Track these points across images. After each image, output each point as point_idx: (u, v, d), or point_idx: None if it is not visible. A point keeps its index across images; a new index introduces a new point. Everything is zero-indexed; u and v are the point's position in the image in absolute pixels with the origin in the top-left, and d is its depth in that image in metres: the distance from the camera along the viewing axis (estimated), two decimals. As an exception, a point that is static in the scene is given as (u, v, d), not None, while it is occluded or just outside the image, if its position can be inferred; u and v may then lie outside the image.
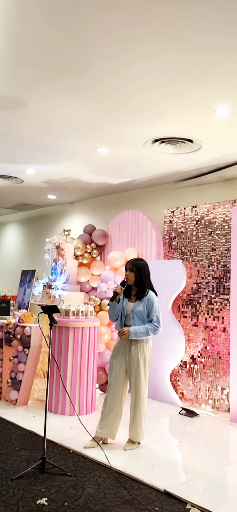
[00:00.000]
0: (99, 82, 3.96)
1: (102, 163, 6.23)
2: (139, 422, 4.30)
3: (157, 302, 4.36)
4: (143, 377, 4.29)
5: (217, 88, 3.93)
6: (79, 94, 4.21)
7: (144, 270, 4.36)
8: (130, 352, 4.31)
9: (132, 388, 4.32)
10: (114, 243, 7.30)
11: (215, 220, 6.02)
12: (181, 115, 4.56)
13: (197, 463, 4.06)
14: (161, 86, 3.98)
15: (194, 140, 5.20)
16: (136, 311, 4.29)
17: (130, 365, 4.31)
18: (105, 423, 4.36)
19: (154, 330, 4.26)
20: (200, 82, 3.85)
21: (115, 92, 4.15)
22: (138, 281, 4.33)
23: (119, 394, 4.35)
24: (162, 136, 5.16)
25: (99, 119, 4.77)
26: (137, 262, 4.38)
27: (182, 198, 6.87)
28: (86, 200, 8.79)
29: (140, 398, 4.29)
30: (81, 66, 3.68)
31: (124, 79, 3.89)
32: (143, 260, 4.46)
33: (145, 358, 4.32)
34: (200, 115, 4.48)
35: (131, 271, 4.34)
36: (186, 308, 6.30)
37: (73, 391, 5.38)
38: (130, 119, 4.71)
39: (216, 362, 5.86)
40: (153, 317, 4.28)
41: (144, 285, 4.33)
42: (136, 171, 6.55)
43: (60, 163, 6.32)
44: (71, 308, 5.54)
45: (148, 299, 4.31)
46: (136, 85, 4.00)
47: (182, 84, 3.92)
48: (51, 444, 4.40)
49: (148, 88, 4.03)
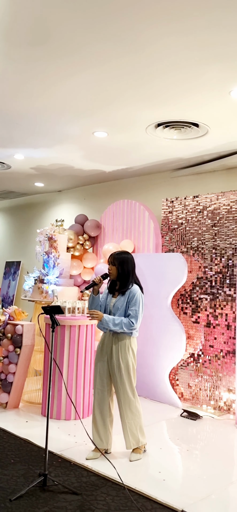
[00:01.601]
0: (100, 60, 3.56)
1: (99, 149, 5.81)
2: (129, 429, 3.97)
3: (140, 296, 3.98)
4: (126, 383, 3.95)
5: (234, 67, 3.58)
6: (77, 72, 3.79)
7: (127, 264, 3.99)
8: (111, 355, 3.98)
9: (117, 395, 4.01)
10: (108, 234, 6.90)
11: (219, 211, 5.70)
12: (190, 97, 4.19)
13: (211, 476, 3.75)
14: (171, 66, 3.62)
15: (201, 125, 4.85)
16: (116, 305, 3.95)
17: (112, 370, 3.99)
18: (100, 435, 4.05)
19: (128, 326, 3.87)
20: (216, 62, 3.51)
21: (118, 71, 3.75)
22: (120, 276, 3.97)
23: (106, 398, 4.04)
24: (167, 120, 4.78)
25: (98, 100, 4.36)
26: (119, 256, 4.02)
27: (180, 187, 6.53)
28: (76, 189, 8.35)
29: (126, 405, 3.95)
30: (79, 43, 3.28)
31: (127, 57, 3.50)
32: (127, 253, 4.10)
33: (127, 364, 3.95)
34: (212, 97, 4.12)
35: (112, 265, 3.98)
36: (186, 304, 5.99)
37: (70, 393, 4.99)
38: (133, 100, 4.31)
39: (218, 360, 5.58)
40: (130, 311, 3.90)
41: (126, 280, 3.97)
42: (134, 157, 6.15)
43: (52, 147, 5.86)
44: (67, 304, 5.14)
45: (130, 292, 3.95)
46: (142, 64, 3.62)
47: (195, 65, 3.57)
48: (49, 455, 4.01)
49: (154, 67, 3.65)
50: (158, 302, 5.97)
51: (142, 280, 6.29)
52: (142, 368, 6.09)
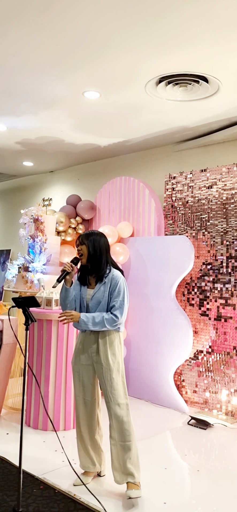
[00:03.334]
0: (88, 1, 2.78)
1: (91, 115, 5.01)
2: (119, 458, 3.11)
3: (123, 283, 3.18)
4: (120, 389, 3.15)
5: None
6: (60, 14, 2.99)
7: (99, 242, 3.19)
8: (98, 356, 3.18)
9: (108, 406, 3.16)
10: (103, 216, 6.13)
11: (230, 186, 4.91)
12: (198, 40, 3.40)
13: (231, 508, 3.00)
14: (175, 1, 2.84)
15: (211, 79, 4.06)
16: (95, 298, 3.16)
17: (99, 375, 3.20)
18: (86, 455, 3.30)
19: (112, 322, 3.10)
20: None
21: (110, 12, 2.95)
22: (91, 257, 3.16)
23: (92, 410, 3.28)
24: (170, 73, 3.99)
25: (88, 51, 3.57)
26: (89, 233, 3.24)
27: (185, 162, 5.74)
28: (69, 168, 7.56)
29: (121, 421, 3.11)
30: None
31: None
32: (98, 232, 3.30)
33: (118, 364, 3.19)
34: (226, 36, 3.33)
35: (82, 244, 3.19)
36: (193, 294, 5.22)
37: (57, 400, 4.26)
38: (130, 48, 3.53)
39: (231, 359, 4.82)
40: (114, 302, 3.12)
41: (99, 262, 3.17)
42: (131, 126, 5.36)
43: (37, 114, 5.07)
44: (54, 296, 4.39)
45: (111, 279, 3.16)
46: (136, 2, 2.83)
47: None
48: (29, 480, 3.28)
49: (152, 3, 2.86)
50: (160, 292, 5.21)
51: (142, 267, 5.58)
52: (142, 367, 5.35)
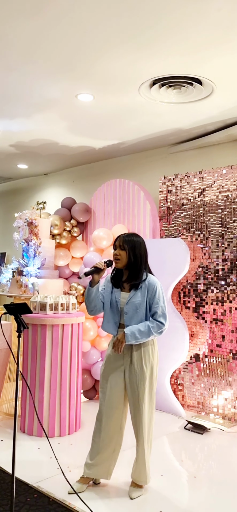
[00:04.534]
0: (81, 3, 2.75)
1: (84, 117, 4.97)
2: (146, 460, 3.14)
3: (161, 288, 3.12)
4: (148, 397, 3.11)
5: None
6: (55, 20, 2.96)
7: (139, 249, 3.11)
8: (131, 363, 3.10)
9: (136, 413, 3.11)
10: (99, 219, 6.09)
11: (226, 188, 4.88)
12: (191, 42, 3.37)
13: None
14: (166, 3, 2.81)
15: (205, 81, 4.03)
16: (132, 303, 3.07)
17: (131, 381, 3.10)
18: (99, 461, 3.21)
19: (158, 329, 3.04)
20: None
21: (104, 16, 2.92)
22: (131, 264, 3.08)
23: (117, 421, 3.18)
24: (164, 75, 3.96)
25: (82, 55, 3.54)
26: (130, 238, 3.12)
27: (181, 164, 5.71)
28: (64, 171, 7.52)
29: (147, 427, 3.11)
30: None
31: None
32: (138, 236, 3.20)
33: (152, 370, 3.12)
34: (219, 38, 3.30)
35: (121, 249, 3.08)
36: (189, 297, 5.18)
37: (52, 406, 4.21)
38: (123, 51, 3.49)
39: (227, 362, 4.79)
40: (156, 309, 3.05)
41: (139, 269, 3.09)
42: (126, 128, 5.32)
43: (30, 117, 5.03)
44: (49, 300, 4.34)
45: (148, 285, 3.07)
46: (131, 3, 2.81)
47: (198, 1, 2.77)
48: (23, 488, 3.23)
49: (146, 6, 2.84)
50: (156, 295, 5.16)
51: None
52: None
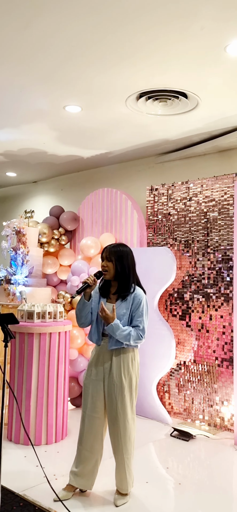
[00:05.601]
0: (69, 16, 2.81)
1: (72, 128, 5.04)
2: (127, 468, 3.17)
3: (146, 303, 3.17)
4: (129, 407, 3.14)
5: (232, 12, 2.86)
6: (41, 31, 3.02)
7: (127, 259, 3.15)
8: (111, 372, 3.13)
9: (114, 423, 3.15)
10: (87, 227, 6.14)
11: (212, 198, 4.98)
12: (176, 58, 3.46)
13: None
14: (152, 19, 2.89)
15: (190, 95, 4.12)
16: (117, 314, 3.11)
17: (110, 390, 3.14)
18: (83, 472, 3.25)
19: (136, 339, 3.08)
20: (209, 9, 2.79)
21: (91, 30, 3.00)
22: (119, 275, 3.12)
23: (98, 428, 3.23)
24: (150, 88, 4.04)
25: (69, 66, 3.60)
26: (117, 249, 3.16)
27: (167, 174, 5.80)
28: (53, 179, 7.57)
29: (126, 436, 3.14)
30: None
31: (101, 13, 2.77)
32: (125, 246, 3.25)
33: (131, 381, 3.15)
34: (204, 54, 3.39)
35: (108, 261, 3.13)
36: (175, 305, 5.26)
37: (39, 414, 4.23)
38: (110, 64, 3.57)
39: (213, 370, 4.86)
40: (138, 322, 3.09)
41: (127, 280, 3.13)
42: (113, 139, 5.40)
43: (19, 127, 5.08)
44: (36, 309, 4.37)
45: (133, 298, 3.12)
46: (118, 18, 2.88)
47: (183, 14, 2.87)
48: (9, 497, 3.25)
49: (133, 21, 2.91)
50: (143, 303, 5.22)
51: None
52: (125, 378, 5.35)
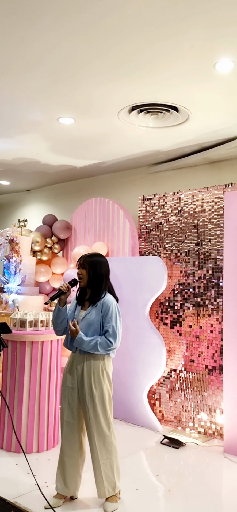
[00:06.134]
0: (64, 33, 2.91)
1: (66, 138, 5.12)
2: (104, 473, 3.22)
3: (115, 308, 3.26)
4: (101, 415, 3.20)
5: (220, 33, 2.96)
6: (36, 47, 3.11)
7: (100, 268, 3.28)
8: (82, 380, 3.22)
9: (89, 429, 3.22)
10: (79, 236, 6.21)
11: (202, 208, 5.07)
12: (167, 73, 3.56)
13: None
14: (146, 34, 2.99)
15: (181, 109, 4.22)
16: (86, 320, 3.22)
17: (83, 398, 3.22)
18: (66, 479, 3.30)
19: (105, 346, 3.16)
20: (199, 27, 2.90)
21: (85, 45, 3.08)
22: (91, 281, 3.25)
23: (77, 434, 3.30)
24: (142, 102, 4.14)
25: (63, 79, 3.68)
26: (91, 258, 3.31)
27: (159, 184, 5.90)
28: (46, 187, 7.63)
29: (100, 442, 3.20)
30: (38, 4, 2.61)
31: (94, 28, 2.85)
32: (100, 256, 3.40)
33: (102, 391, 3.21)
34: (194, 71, 3.49)
35: (83, 268, 3.27)
36: (166, 313, 5.33)
37: (31, 422, 4.26)
38: (103, 78, 3.65)
39: (203, 378, 4.93)
40: (107, 327, 3.18)
41: (99, 287, 3.26)
42: (106, 150, 5.49)
43: (13, 137, 5.14)
44: (28, 317, 4.41)
45: (103, 304, 3.23)
46: (111, 35, 2.97)
47: (174, 33, 2.96)
48: (0, 504, 3.28)
49: (126, 39, 3.01)
50: (134, 311, 5.30)
51: (116, 286, 5.54)
52: (117, 386, 5.38)
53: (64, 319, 3.29)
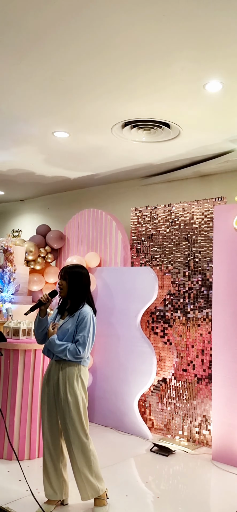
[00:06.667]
0: (58, 49, 3.02)
1: (60, 151, 5.23)
2: (84, 477, 3.30)
3: (90, 320, 3.35)
4: (77, 422, 3.29)
5: (209, 56, 3.11)
6: (32, 63, 3.23)
7: (80, 279, 3.40)
8: (58, 387, 3.32)
9: (66, 436, 3.32)
10: (72, 246, 6.31)
11: (193, 221, 5.21)
12: (159, 92, 3.70)
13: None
14: (136, 54, 3.11)
15: (172, 125, 4.36)
16: (62, 328, 3.33)
17: (59, 404, 3.33)
18: (53, 485, 3.39)
19: (74, 353, 3.25)
20: (189, 50, 3.04)
21: (79, 62, 3.22)
22: (71, 293, 3.37)
23: (58, 440, 3.39)
24: (134, 118, 4.27)
25: (58, 94, 3.80)
26: (72, 270, 3.42)
27: (151, 196, 6.03)
28: (40, 198, 7.73)
29: (78, 449, 3.29)
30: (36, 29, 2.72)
31: (89, 45, 2.98)
32: (81, 267, 3.51)
33: (76, 398, 3.30)
34: (185, 90, 3.63)
35: (63, 279, 3.38)
36: (157, 323, 5.44)
37: (23, 429, 4.33)
38: (97, 95, 3.78)
39: (192, 386, 5.04)
40: (78, 337, 3.28)
41: (78, 298, 3.37)
42: (99, 163, 5.61)
43: (9, 149, 5.25)
44: (22, 326, 4.50)
45: (79, 314, 3.34)
46: (104, 55, 3.10)
47: (165, 54, 3.10)
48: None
49: (120, 57, 3.14)
50: (126, 320, 5.40)
51: (108, 296, 5.77)
52: (108, 394, 5.49)
53: (45, 328, 3.40)
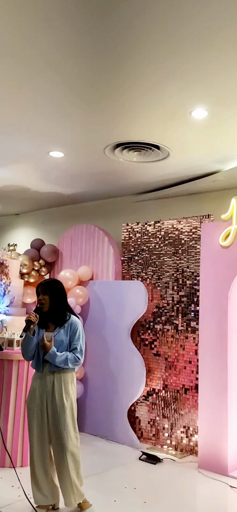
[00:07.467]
0: (53, 75, 3.25)
1: (55, 170, 5.45)
2: (74, 483, 3.45)
3: (81, 328, 3.63)
4: (71, 426, 3.47)
5: (195, 86, 3.36)
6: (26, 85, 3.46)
7: (60, 292, 3.63)
8: (53, 394, 3.47)
9: (59, 441, 3.45)
10: (65, 260, 6.50)
11: (181, 237, 5.44)
12: (149, 117, 3.94)
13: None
14: (128, 83, 3.35)
15: (162, 147, 4.60)
16: (56, 340, 3.51)
17: (53, 411, 3.46)
18: (42, 489, 3.53)
19: (74, 361, 3.50)
20: (175, 80, 3.28)
21: (73, 86, 3.45)
22: (54, 307, 3.57)
23: (47, 447, 3.53)
24: (126, 141, 4.51)
25: (54, 118, 4.03)
26: (51, 285, 3.63)
27: (142, 212, 6.25)
28: (34, 212, 7.93)
29: (71, 453, 3.45)
30: (31, 49, 2.95)
31: (83, 72, 3.21)
32: (57, 282, 3.75)
33: (71, 402, 3.51)
34: (173, 117, 3.88)
35: (44, 294, 3.57)
36: (147, 335, 5.63)
37: (16, 437, 4.48)
38: (90, 118, 4.01)
39: (180, 397, 5.22)
40: (75, 345, 3.52)
41: (62, 309, 3.59)
42: (93, 180, 5.84)
43: (6, 167, 5.46)
44: (16, 337, 4.66)
45: (71, 324, 3.56)
46: (97, 80, 3.34)
47: (153, 82, 3.32)
48: (-14, 514, 3.49)
49: (111, 83, 3.38)
50: (117, 332, 5.59)
51: (100, 308, 5.96)
52: (99, 404, 5.65)
53: (35, 345, 3.55)
